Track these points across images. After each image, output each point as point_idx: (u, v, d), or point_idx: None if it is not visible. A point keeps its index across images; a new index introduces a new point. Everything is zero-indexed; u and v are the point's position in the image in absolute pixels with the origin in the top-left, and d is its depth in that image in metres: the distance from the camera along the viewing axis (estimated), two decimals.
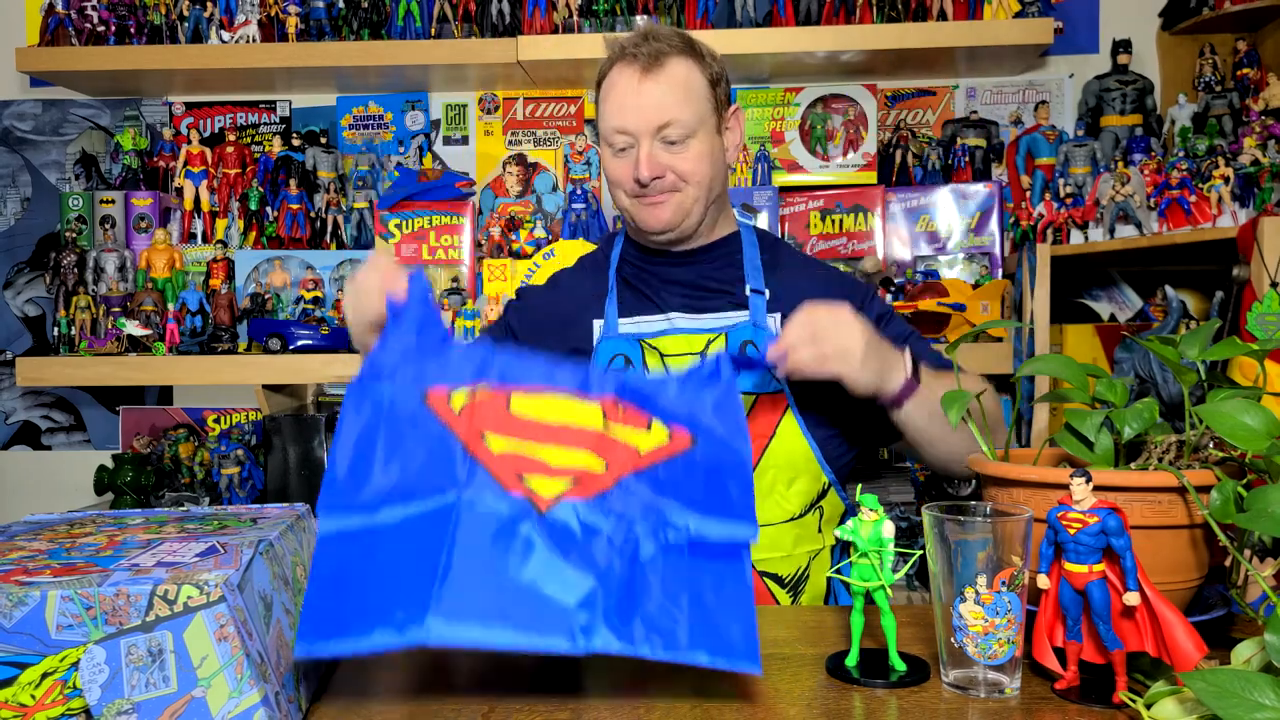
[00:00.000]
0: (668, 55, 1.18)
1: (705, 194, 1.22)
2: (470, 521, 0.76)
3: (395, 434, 0.81)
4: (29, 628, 0.63)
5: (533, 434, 0.83)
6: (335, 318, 2.07)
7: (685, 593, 0.76)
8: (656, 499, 0.81)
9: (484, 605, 0.72)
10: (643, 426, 0.86)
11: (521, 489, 0.78)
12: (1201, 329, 0.86)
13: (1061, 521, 0.72)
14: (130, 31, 2.18)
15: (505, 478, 0.79)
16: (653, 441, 0.85)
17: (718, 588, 0.77)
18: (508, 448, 0.81)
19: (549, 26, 2.11)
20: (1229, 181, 1.67)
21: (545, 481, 0.79)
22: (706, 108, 1.20)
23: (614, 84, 1.20)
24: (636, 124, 1.18)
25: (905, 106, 2.29)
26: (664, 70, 1.18)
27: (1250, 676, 0.61)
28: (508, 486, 0.78)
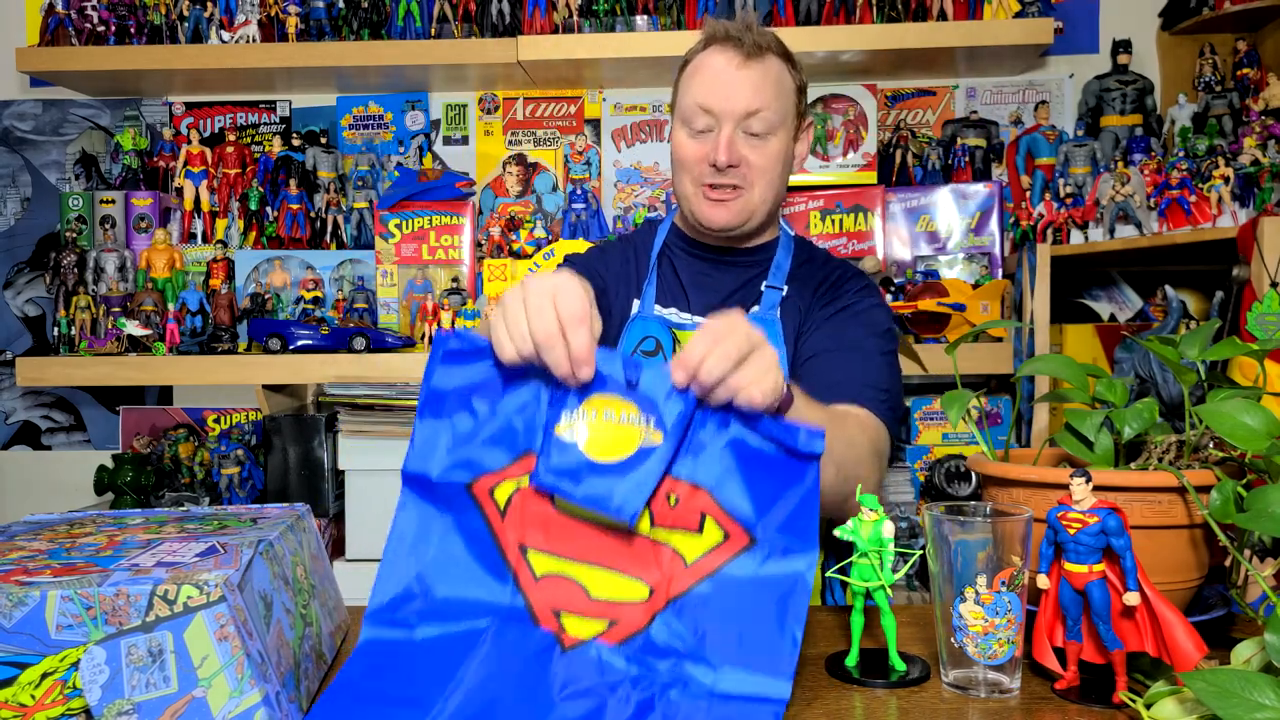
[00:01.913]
0: (768, 50, 1.18)
1: (772, 195, 1.21)
2: (494, 654, 0.76)
3: (443, 537, 0.80)
4: (29, 628, 0.63)
5: (576, 545, 0.79)
6: (335, 318, 2.07)
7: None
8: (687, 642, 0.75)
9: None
10: (694, 528, 0.78)
11: (554, 625, 0.78)
12: (1201, 329, 0.86)
13: (1061, 521, 0.73)
14: (130, 31, 2.18)
15: (542, 612, 0.78)
16: (704, 545, 0.78)
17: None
18: (550, 568, 0.79)
19: (549, 26, 2.11)
20: (1229, 181, 1.67)
21: (580, 622, 0.78)
22: (791, 110, 1.21)
23: (708, 63, 1.18)
24: (726, 105, 1.16)
25: (905, 106, 2.29)
26: (763, 62, 1.17)
27: (1250, 676, 0.61)
28: (540, 621, 0.78)
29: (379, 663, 0.76)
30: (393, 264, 2.08)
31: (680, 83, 1.23)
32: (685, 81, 1.21)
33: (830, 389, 1.08)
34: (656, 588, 0.78)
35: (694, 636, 0.76)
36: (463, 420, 0.81)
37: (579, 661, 0.76)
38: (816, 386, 1.03)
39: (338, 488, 2.00)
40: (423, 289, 2.08)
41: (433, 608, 0.79)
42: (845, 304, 1.23)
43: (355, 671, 0.76)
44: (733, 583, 0.76)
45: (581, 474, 0.77)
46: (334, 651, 0.86)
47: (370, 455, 1.91)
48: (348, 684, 0.75)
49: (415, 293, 2.08)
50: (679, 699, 0.73)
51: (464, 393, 0.82)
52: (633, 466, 0.77)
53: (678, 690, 0.74)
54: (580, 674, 0.75)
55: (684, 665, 0.75)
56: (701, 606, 0.76)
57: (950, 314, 1.92)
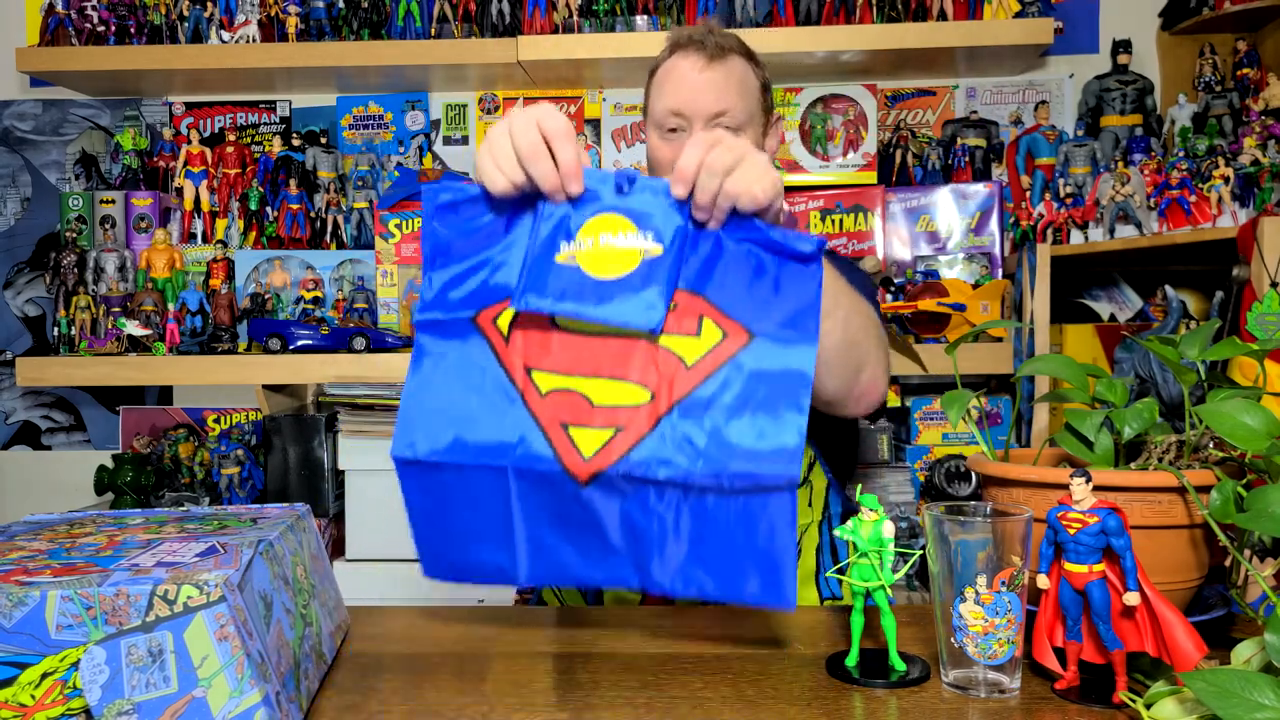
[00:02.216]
0: (730, 52, 1.23)
1: None
2: (531, 496, 0.82)
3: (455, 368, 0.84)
4: (29, 628, 0.63)
5: (578, 359, 0.82)
6: (335, 318, 2.07)
7: (727, 543, 0.78)
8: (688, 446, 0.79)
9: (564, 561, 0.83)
10: (693, 332, 0.81)
11: (565, 444, 0.80)
12: (1201, 329, 0.86)
13: (1061, 521, 0.72)
14: (130, 31, 2.18)
15: (550, 428, 0.81)
16: (704, 347, 0.81)
17: (747, 535, 0.78)
18: (554, 385, 0.82)
19: (549, 26, 2.11)
20: (1229, 181, 1.67)
21: (587, 434, 0.80)
22: (757, 108, 1.25)
23: (675, 68, 1.23)
24: (694, 107, 1.20)
25: (905, 106, 2.29)
26: (725, 63, 1.22)
27: (1250, 676, 0.61)
28: (554, 442, 0.80)
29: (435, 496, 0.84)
30: (393, 264, 2.08)
31: (650, 90, 1.27)
32: (655, 88, 1.26)
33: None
34: (657, 391, 0.80)
35: (704, 434, 0.78)
36: (465, 260, 0.85)
37: (600, 493, 0.80)
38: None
39: (338, 488, 2.00)
40: None
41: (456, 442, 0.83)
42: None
43: (415, 500, 0.85)
44: (735, 378, 0.79)
45: (592, 293, 0.81)
46: (334, 651, 0.87)
47: (370, 455, 1.91)
48: (428, 520, 0.85)
49: (415, 293, 2.08)
50: (698, 500, 0.78)
51: (462, 239, 0.85)
52: (641, 278, 0.80)
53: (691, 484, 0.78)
54: (607, 500, 0.80)
55: (699, 459, 0.78)
56: (706, 405, 0.79)
57: (950, 314, 1.92)
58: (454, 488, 0.83)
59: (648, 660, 0.85)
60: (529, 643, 0.91)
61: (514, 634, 0.94)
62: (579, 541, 0.82)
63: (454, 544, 0.85)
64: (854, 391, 1.06)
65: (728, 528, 0.78)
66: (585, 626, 0.96)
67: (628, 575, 0.82)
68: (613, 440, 0.79)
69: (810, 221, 2.18)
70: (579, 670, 0.83)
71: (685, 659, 0.86)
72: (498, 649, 0.89)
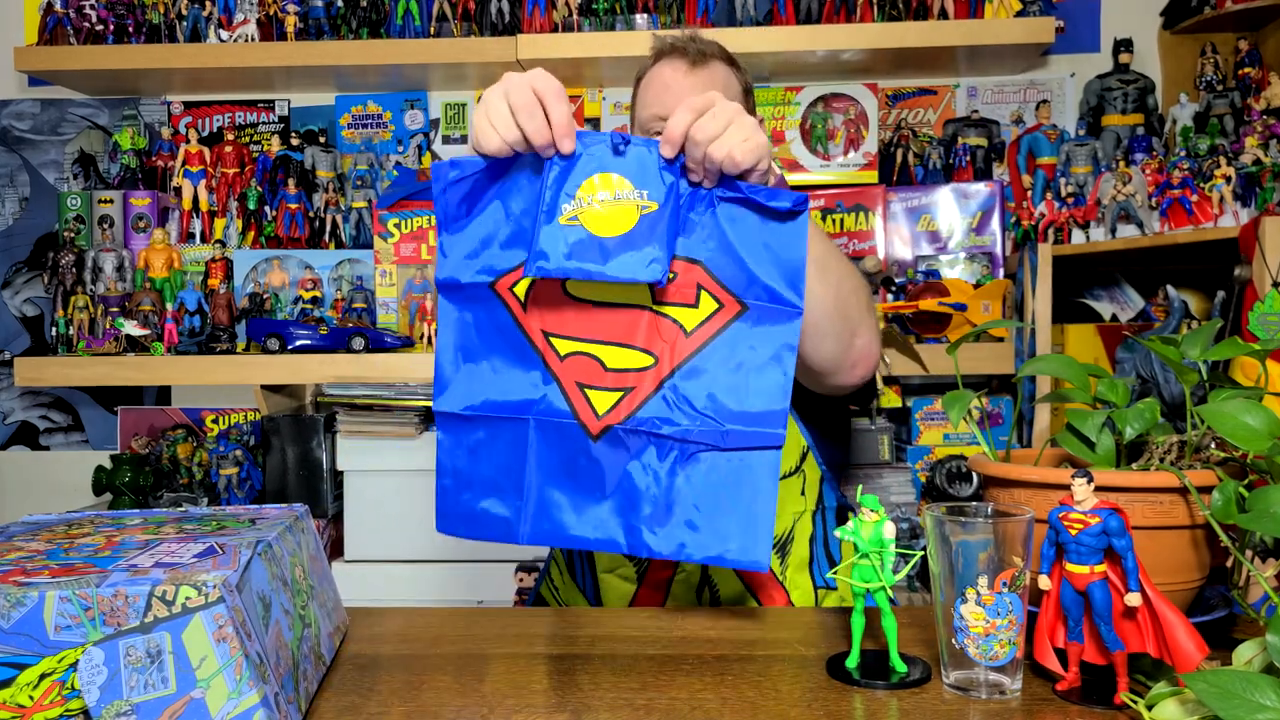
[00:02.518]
0: (712, 57, 1.26)
1: None
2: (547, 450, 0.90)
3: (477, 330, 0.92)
4: (27, 628, 0.62)
5: (590, 327, 0.91)
6: (334, 318, 2.07)
7: (709, 498, 0.87)
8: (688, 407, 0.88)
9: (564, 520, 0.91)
10: (691, 302, 0.89)
11: (581, 402, 0.89)
12: (1203, 329, 0.85)
13: (1063, 522, 0.72)
14: (129, 30, 2.17)
15: (569, 387, 0.90)
16: (700, 315, 0.89)
17: (735, 493, 0.87)
18: (571, 349, 0.91)
19: (549, 25, 2.11)
20: (1231, 181, 1.67)
21: (601, 395, 0.89)
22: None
23: (658, 75, 1.27)
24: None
25: (906, 106, 2.29)
26: (707, 68, 1.25)
27: (1252, 677, 0.60)
28: (571, 399, 0.90)
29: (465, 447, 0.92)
30: (392, 264, 2.08)
31: (636, 97, 1.31)
32: (640, 95, 1.29)
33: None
34: (660, 356, 0.89)
35: (702, 397, 0.87)
36: (477, 230, 0.91)
37: (608, 447, 0.89)
38: None
39: (336, 488, 1.99)
40: (422, 289, 2.07)
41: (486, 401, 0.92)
42: None
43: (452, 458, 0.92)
44: (728, 346, 0.88)
45: (597, 252, 0.85)
46: (333, 652, 0.86)
47: (369, 456, 1.91)
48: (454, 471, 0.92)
49: (414, 292, 2.07)
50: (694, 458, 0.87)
51: (473, 208, 0.91)
52: (642, 235, 0.86)
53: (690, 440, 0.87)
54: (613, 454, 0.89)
55: (696, 420, 0.87)
56: (703, 371, 0.88)
57: (951, 314, 1.92)
58: (482, 439, 0.91)
59: (648, 661, 0.85)
60: (529, 643, 0.91)
61: (514, 635, 0.93)
62: (580, 498, 0.90)
63: (472, 495, 0.93)
64: (849, 357, 1.09)
65: (716, 485, 0.87)
66: (585, 627, 0.95)
67: (616, 537, 0.90)
68: (622, 400, 0.88)
69: None
70: (579, 671, 0.83)
71: (685, 660, 0.85)
72: (497, 650, 0.89)
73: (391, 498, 1.92)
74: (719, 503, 0.87)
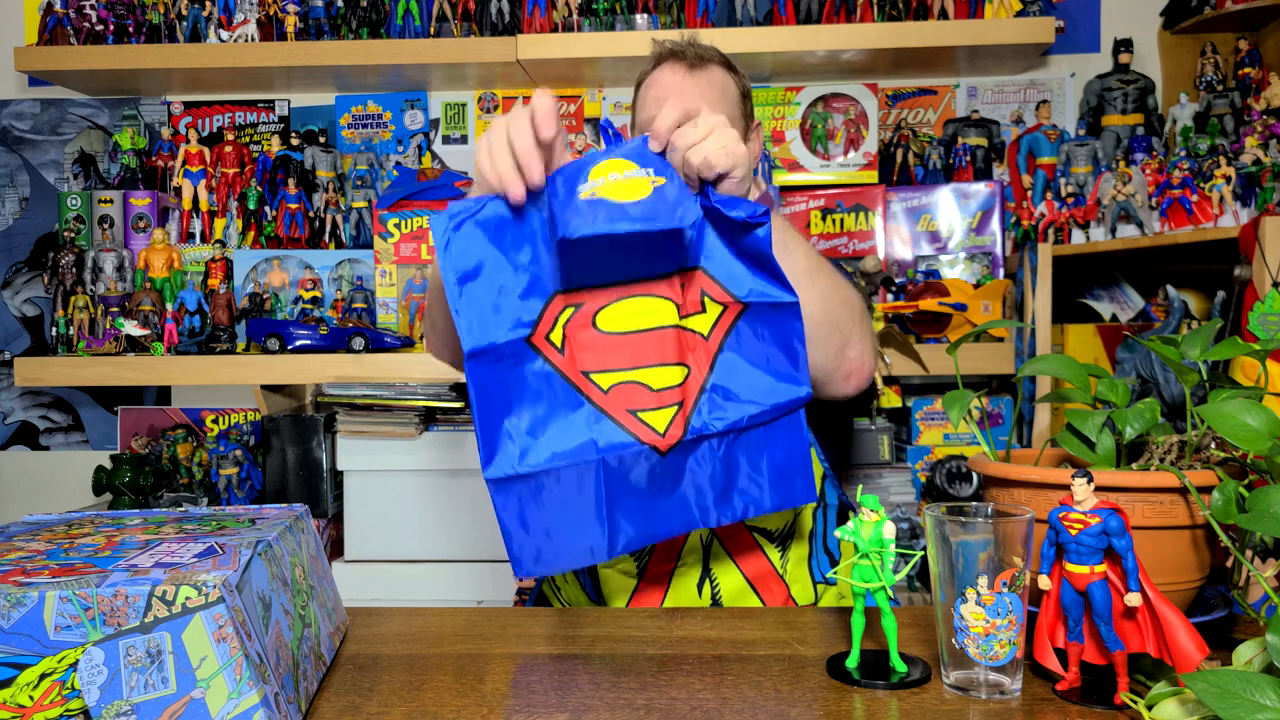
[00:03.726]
0: (710, 61, 1.29)
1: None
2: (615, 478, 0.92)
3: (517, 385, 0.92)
4: (27, 628, 0.62)
5: (628, 356, 0.94)
6: (334, 318, 2.07)
7: (763, 459, 0.96)
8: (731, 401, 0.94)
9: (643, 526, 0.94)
10: (699, 309, 0.95)
11: (640, 426, 0.92)
12: (1203, 329, 0.85)
13: (1063, 522, 0.72)
14: (129, 31, 2.17)
15: (622, 417, 0.92)
16: (711, 320, 0.95)
17: (785, 446, 0.95)
18: (613, 380, 0.93)
19: (549, 25, 2.11)
20: (1231, 181, 1.67)
21: (656, 414, 0.93)
22: (736, 113, 1.30)
23: (658, 78, 1.29)
24: None
25: (906, 106, 2.29)
26: (705, 71, 1.28)
27: (1252, 677, 0.60)
28: (629, 427, 0.92)
29: (529, 502, 0.90)
30: (392, 263, 2.08)
31: (637, 100, 1.33)
32: (640, 99, 1.32)
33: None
34: (694, 365, 0.95)
35: (739, 386, 0.94)
36: (496, 279, 0.90)
37: (676, 456, 0.93)
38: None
39: (336, 488, 1.99)
40: (422, 289, 2.07)
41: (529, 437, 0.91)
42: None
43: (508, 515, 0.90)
44: (742, 338, 0.94)
45: (622, 213, 0.86)
46: (333, 652, 0.86)
47: (369, 456, 1.91)
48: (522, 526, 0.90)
49: (414, 292, 2.07)
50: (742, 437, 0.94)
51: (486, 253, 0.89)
52: (662, 197, 0.88)
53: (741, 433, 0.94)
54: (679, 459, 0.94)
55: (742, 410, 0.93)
56: (730, 364, 0.94)
57: (951, 314, 1.92)
58: (545, 487, 0.91)
59: (648, 661, 0.85)
60: (529, 643, 0.91)
61: (514, 635, 0.93)
62: (654, 503, 0.94)
63: (547, 540, 0.92)
64: (841, 368, 1.11)
65: (762, 447, 0.95)
66: (585, 627, 0.95)
67: (693, 519, 0.96)
68: (677, 415, 0.93)
69: (811, 220, 2.18)
70: (579, 671, 0.83)
71: (685, 659, 0.85)
72: (497, 650, 0.89)
73: (391, 498, 1.92)
74: (770, 461, 0.96)
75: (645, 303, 0.94)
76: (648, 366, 0.93)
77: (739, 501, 0.97)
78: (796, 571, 1.21)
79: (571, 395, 0.92)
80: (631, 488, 0.93)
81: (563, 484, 0.90)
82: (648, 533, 0.95)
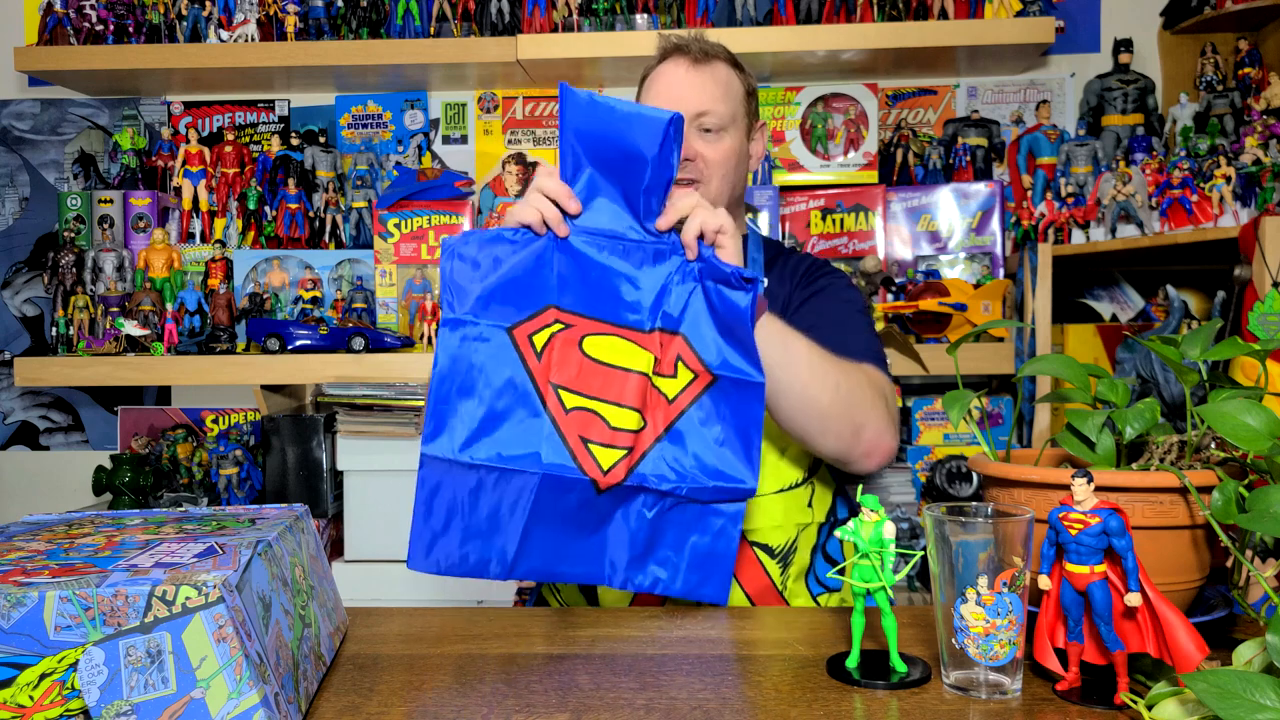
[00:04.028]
0: (716, 57, 1.29)
1: (728, 188, 1.28)
2: (546, 497, 0.93)
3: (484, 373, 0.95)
4: (27, 628, 0.62)
5: (598, 385, 0.97)
6: (334, 318, 2.07)
7: (688, 540, 0.97)
8: (678, 466, 0.96)
9: (550, 559, 0.96)
10: (671, 373, 0.99)
11: (586, 457, 0.94)
12: (1203, 329, 0.85)
13: (1063, 522, 0.72)
14: (129, 31, 2.17)
15: (572, 440, 0.95)
16: (679, 385, 0.98)
17: (715, 536, 0.97)
18: (577, 403, 0.97)
19: (549, 25, 2.11)
20: (1231, 181, 1.67)
21: (604, 451, 0.96)
22: (741, 110, 1.30)
23: (663, 73, 1.29)
24: (679, 106, 1.24)
25: (906, 106, 2.29)
26: (710, 67, 1.28)
27: (1252, 677, 0.60)
28: (576, 454, 0.94)
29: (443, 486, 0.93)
30: (391, 264, 2.08)
31: (641, 95, 1.34)
32: (645, 93, 1.32)
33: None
34: (651, 421, 0.98)
35: (687, 457, 0.96)
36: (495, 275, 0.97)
37: (609, 498, 0.95)
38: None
39: (336, 488, 1.99)
40: (422, 289, 2.07)
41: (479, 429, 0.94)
42: (821, 287, 1.30)
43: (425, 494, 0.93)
44: (703, 413, 0.97)
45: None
46: (333, 652, 0.86)
47: (369, 456, 1.91)
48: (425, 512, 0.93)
49: (414, 292, 2.07)
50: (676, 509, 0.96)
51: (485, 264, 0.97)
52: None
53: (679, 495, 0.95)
54: (610, 502, 0.95)
55: (685, 478, 0.95)
56: (686, 433, 0.97)
57: (951, 314, 1.92)
58: (479, 487, 0.93)
59: (648, 661, 0.85)
60: (529, 643, 0.91)
61: (513, 635, 0.93)
62: (569, 539, 0.95)
63: (452, 538, 0.93)
64: (858, 449, 1.13)
65: (689, 529, 0.97)
66: (585, 627, 0.95)
67: (600, 573, 0.96)
68: (624, 458, 0.95)
69: (811, 220, 2.18)
70: (579, 671, 0.83)
71: (685, 659, 0.85)
72: (497, 650, 0.89)
73: (391, 498, 1.92)
74: (694, 546, 0.97)
75: (629, 346, 0.98)
76: (612, 403, 0.97)
77: (651, 572, 0.97)
78: (796, 587, 1.22)
79: (533, 403, 0.95)
80: (556, 515, 0.94)
81: (496, 487, 0.93)
82: (551, 569, 0.96)
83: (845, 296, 1.29)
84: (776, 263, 1.34)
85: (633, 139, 0.95)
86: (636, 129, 0.95)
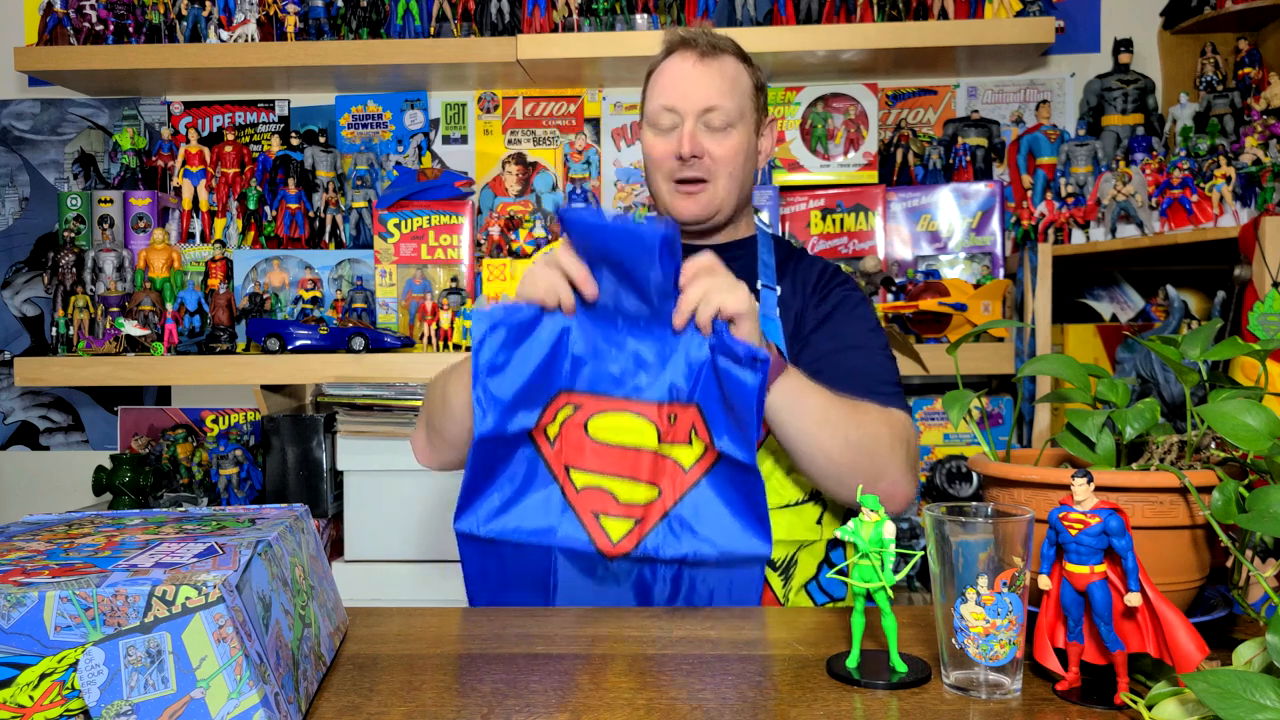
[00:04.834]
0: (723, 51, 1.26)
1: (736, 186, 1.27)
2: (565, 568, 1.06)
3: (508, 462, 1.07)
4: (27, 628, 0.62)
5: (606, 463, 1.05)
6: (334, 318, 2.07)
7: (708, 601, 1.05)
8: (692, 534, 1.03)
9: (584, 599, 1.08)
10: (685, 441, 1.05)
11: (598, 530, 1.04)
12: (1203, 329, 0.85)
13: (1063, 522, 0.72)
14: (129, 31, 2.17)
15: (585, 516, 1.05)
16: (694, 455, 1.05)
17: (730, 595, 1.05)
18: (588, 482, 1.06)
19: (548, 25, 2.11)
20: (1230, 181, 1.67)
21: (615, 523, 1.04)
22: (749, 105, 1.27)
23: (669, 67, 1.27)
24: (685, 103, 1.24)
25: (906, 106, 2.29)
26: (717, 61, 1.25)
27: (1252, 677, 0.60)
28: (588, 527, 1.04)
29: (490, 560, 1.08)
30: (391, 264, 2.08)
31: (646, 90, 1.31)
32: (650, 88, 1.30)
33: (841, 388, 1.13)
34: (665, 490, 1.04)
35: (702, 524, 1.03)
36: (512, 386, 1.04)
37: (622, 565, 1.04)
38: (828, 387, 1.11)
39: (336, 488, 1.99)
40: (422, 289, 2.07)
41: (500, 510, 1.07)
42: (836, 303, 1.28)
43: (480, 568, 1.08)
44: (714, 485, 1.04)
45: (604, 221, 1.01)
46: (333, 653, 0.86)
47: (369, 456, 1.91)
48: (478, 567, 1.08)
49: (414, 292, 2.07)
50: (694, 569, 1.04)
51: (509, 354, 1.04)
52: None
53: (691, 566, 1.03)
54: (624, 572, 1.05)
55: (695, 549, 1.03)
56: (699, 503, 1.04)
57: (951, 314, 1.92)
58: (505, 555, 1.07)
59: (648, 661, 0.85)
60: (529, 643, 0.91)
61: (514, 635, 0.93)
62: (599, 593, 1.07)
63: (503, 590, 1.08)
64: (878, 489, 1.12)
65: (709, 594, 1.05)
66: (585, 627, 0.96)
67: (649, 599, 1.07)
68: (633, 529, 1.03)
69: (811, 220, 2.18)
70: (579, 671, 0.83)
71: (685, 659, 0.85)
72: (497, 650, 0.89)
73: (391, 498, 1.92)
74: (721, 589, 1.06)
75: (633, 420, 1.05)
76: (619, 477, 1.05)
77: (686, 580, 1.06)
78: (797, 599, 1.21)
79: (549, 482, 1.06)
80: (578, 576, 1.06)
81: (518, 554, 1.06)
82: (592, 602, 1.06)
83: (860, 314, 1.27)
84: (788, 267, 1.32)
85: (631, 252, 0.98)
86: (633, 245, 0.98)
